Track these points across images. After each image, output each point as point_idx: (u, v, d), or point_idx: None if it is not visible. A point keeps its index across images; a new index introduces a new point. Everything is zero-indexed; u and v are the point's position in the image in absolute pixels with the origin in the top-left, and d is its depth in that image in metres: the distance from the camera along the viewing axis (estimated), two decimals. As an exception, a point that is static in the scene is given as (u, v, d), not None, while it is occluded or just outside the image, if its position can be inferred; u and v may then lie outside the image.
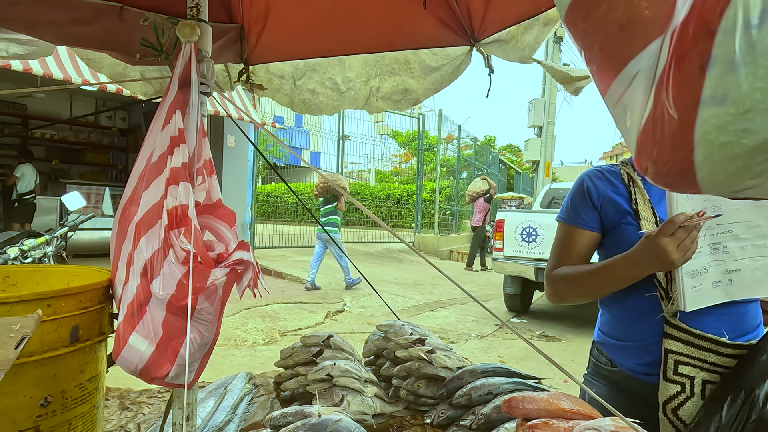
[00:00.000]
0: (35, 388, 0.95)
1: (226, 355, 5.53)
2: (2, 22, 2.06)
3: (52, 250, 4.51)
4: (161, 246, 0.91)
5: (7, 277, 1.25)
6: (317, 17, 2.42)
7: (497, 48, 2.29)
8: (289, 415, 1.21)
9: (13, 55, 2.23)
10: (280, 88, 2.70)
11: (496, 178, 18.01)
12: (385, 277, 9.97)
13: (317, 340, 1.70)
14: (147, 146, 1.07)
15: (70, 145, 11.79)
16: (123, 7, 2.13)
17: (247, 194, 10.34)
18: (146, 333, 0.91)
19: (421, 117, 13.49)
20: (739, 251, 1.14)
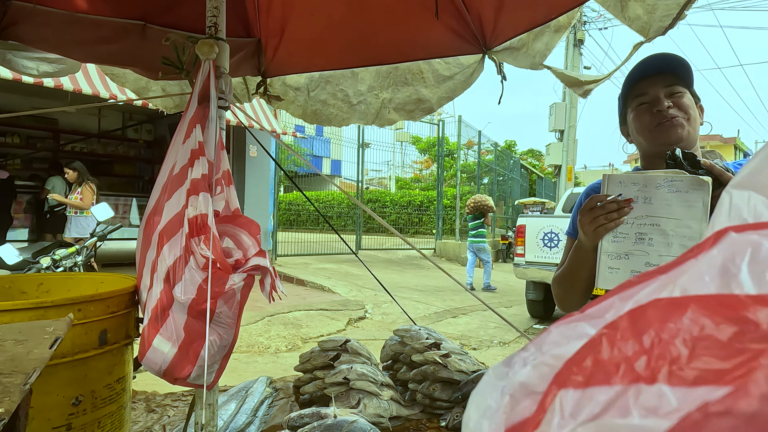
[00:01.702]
0: (67, 388, 1.01)
1: (249, 362, 5.61)
2: (33, 42, 2.18)
3: (82, 259, 4.66)
4: (183, 253, 0.97)
5: (41, 284, 1.32)
6: (332, 30, 2.48)
7: (508, 55, 2.31)
8: (306, 416, 1.25)
9: (44, 73, 2.35)
10: (294, 99, 2.77)
11: (518, 183, 17.86)
12: (406, 283, 9.97)
13: (335, 344, 1.74)
14: (169, 159, 1.12)
15: (98, 158, 12.13)
16: (146, 25, 2.24)
17: (269, 203, 10.48)
18: (169, 335, 0.96)
19: (441, 123, 13.50)
20: (664, 248, 1.13)
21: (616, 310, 0.40)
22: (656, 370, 0.33)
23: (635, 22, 1.82)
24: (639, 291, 0.39)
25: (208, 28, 1.22)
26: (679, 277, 0.38)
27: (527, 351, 0.44)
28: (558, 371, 0.38)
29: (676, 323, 0.34)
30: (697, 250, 0.39)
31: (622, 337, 0.36)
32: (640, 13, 1.77)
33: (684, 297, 0.35)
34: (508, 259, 14.09)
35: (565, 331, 0.42)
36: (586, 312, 0.42)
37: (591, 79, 2.20)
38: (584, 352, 0.37)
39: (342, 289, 8.72)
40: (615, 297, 0.41)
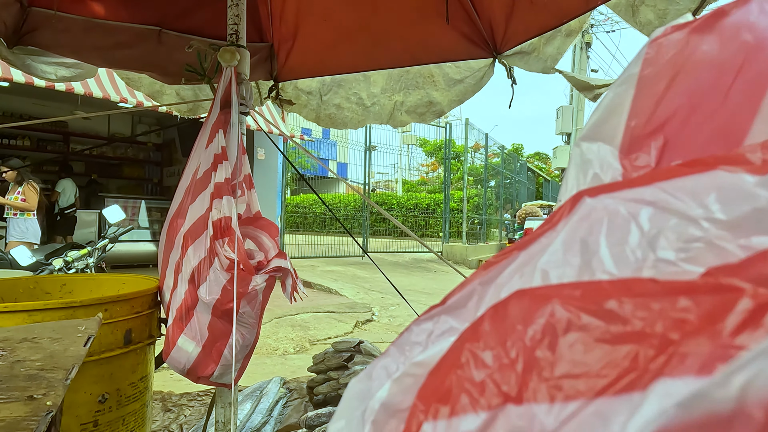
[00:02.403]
0: (94, 386, 1.04)
1: (258, 363, 5.63)
2: (52, 48, 2.23)
3: (93, 261, 4.71)
4: (207, 255, 0.99)
5: (64, 285, 1.36)
6: (343, 35, 2.51)
7: (519, 59, 2.33)
8: (323, 415, 1.27)
9: (62, 77, 2.39)
10: (307, 103, 2.80)
11: (525, 186, 17.83)
12: (413, 286, 9.97)
13: (348, 345, 1.76)
14: (192, 163, 1.15)
15: (108, 160, 12.24)
16: (162, 30, 2.28)
17: (276, 205, 10.53)
18: (193, 335, 0.98)
19: (448, 126, 13.51)
20: None
21: (478, 299, 0.36)
22: (524, 386, 0.28)
23: (646, 27, 1.83)
24: (500, 273, 0.35)
25: (229, 35, 1.25)
26: (538, 254, 0.33)
27: (388, 356, 0.39)
28: (422, 384, 0.33)
29: (540, 324, 0.29)
30: (556, 217, 0.34)
31: (485, 345, 0.31)
32: (651, 18, 1.79)
33: (546, 288, 0.31)
34: (514, 262, 14.05)
35: (427, 326, 0.38)
36: (448, 303, 0.38)
37: (602, 84, 2.22)
38: (447, 365, 0.32)
39: (349, 291, 8.74)
40: (476, 281, 0.37)
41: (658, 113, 0.39)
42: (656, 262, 0.29)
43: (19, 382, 0.62)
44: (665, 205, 0.30)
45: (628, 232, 0.30)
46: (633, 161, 0.38)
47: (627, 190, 0.32)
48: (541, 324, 0.29)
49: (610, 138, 0.40)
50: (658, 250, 0.29)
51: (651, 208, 0.30)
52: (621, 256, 0.30)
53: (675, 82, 0.39)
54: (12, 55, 2.16)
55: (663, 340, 0.25)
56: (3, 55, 2.12)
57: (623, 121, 0.40)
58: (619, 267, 0.30)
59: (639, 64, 0.42)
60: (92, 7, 2.24)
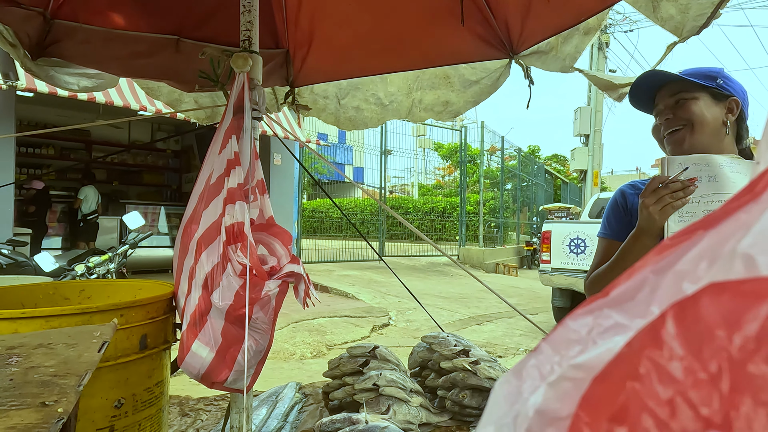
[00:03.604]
0: (110, 391, 1.05)
1: (275, 368, 5.65)
2: (74, 58, 2.27)
3: (114, 266, 4.79)
4: (220, 260, 0.99)
5: (83, 290, 1.37)
6: (358, 39, 2.52)
7: (536, 59, 2.31)
8: (337, 421, 1.26)
9: (84, 88, 2.43)
10: (325, 107, 2.82)
11: (542, 189, 17.65)
12: (429, 291, 9.93)
13: (363, 351, 1.75)
14: (206, 169, 1.16)
15: (128, 168, 12.47)
16: (179, 39, 2.31)
17: (293, 210, 10.60)
18: (207, 341, 0.99)
19: (463, 129, 13.46)
20: None
21: (651, 290, 0.29)
22: (733, 410, 0.22)
23: (668, 23, 1.79)
24: (679, 258, 0.28)
25: (242, 42, 1.26)
26: (736, 234, 0.25)
27: (540, 354, 0.33)
28: (585, 392, 0.28)
29: (754, 330, 0.23)
30: (759, 185, 0.26)
31: (671, 354, 0.25)
32: (672, 12, 1.74)
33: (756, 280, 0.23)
34: (533, 265, 13.93)
35: (587, 321, 0.31)
36: (612, 294, 0.31)
37: (626, 82, 2.17)
38: (619, 373, 0.26)
39: (366, 296, 8.74)
40: (647, 269, 0.30)
41: None
42: None
43: (32, 388, 0.62)
44: None
45: None
46: None
47: None
48: (755, 329, 0.23)
49: None
50: None
51: None
52: None
53: None
54: (36, 67, 2.20)
55: None
56: (27, 67, 2.17)
57: None
58: None
59: None
60: (112, 18, 2.28)
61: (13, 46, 2.05)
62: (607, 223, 1.53)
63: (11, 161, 7.16)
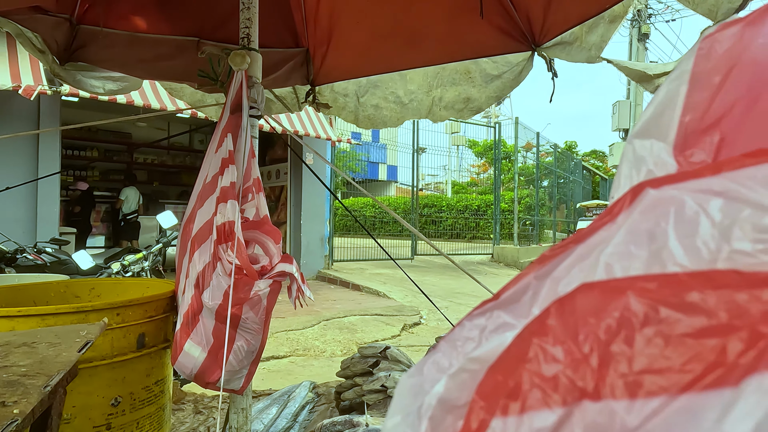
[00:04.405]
0: (107, 389, 1.06)
1: (305, 365, 5.70)
2: (100, 62, 2.33)
3: (149, 264, 4.93)
4: (211, 259, 0.99)
5: (93, 288, 1.40)
6: (377, 36, 2.49)
7: (560, 50, 2.22)
8: (338, 423, 1.24)
9: (109, 91, 2.50)
10: (345, 105, 2.80)
11: (579, 186, 17.18)
12: (462, 289, 9.82)
13: (374, 351, 1.72)
14: (204, 168, 1.16)
15: (168, 168, 12.88)
16: (200, 41, 2.34)
17: (325, 209, 10.67)
18: (199, 340, 0.98)
19: (498, 126, 13.23)
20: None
21: (533, 293, 0.35)
22: (600, 381, 0.27)
23: (700, 6, 1.69)
24: (557, 266, 0.34)
25: (241, 39, 1.26)
26: (599, 247, 0.32)
27: (439, 351, 0.39)
28: (481, 380, 0.33)
29: (615, 318, 0.28)
30: (615, 209, 0.33)
31: (555, 339, 0.30)
32: (712, 0, 1.64)
33: (616, 281, 0.30)
34: (570, 264, 13.58)
35: (480, 322, 0.37)
36: (502, 297, 0.37)
37: (660, 72, 2.04)
38: (511, 360, 0.32)
39: (397, 294, 8.71)
40: (531, 275, 0.36)
41: (713, 108, 0.39)
42: (732, 254, 0.28)
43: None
44: (736, 195, 0.30)
45: (698, 223, 0.30)
46: (688, 158, 0.38)
47: (693, 181, 0.32)
48: (616, 317, 0.29)
49: (664, 134, 0.40)
50: (734, 242, 0.29)
51: (721, 199, 0.30)
52: (692, 247, 0.30)
53: (731, 76, 0.39)
54: (64, 72, 2.27)
55: (753, 333, 0.25)
56: (56, 72, 2.23)
57: (677, 116, 0.40)
58: (691, 259, 0.29)
59: (692, 60, 0.42)
60: (135, 22, 2.33)
61: (42, 52, 2.12)
62: None
63: (57, 163, 7.49)
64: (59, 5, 2.03)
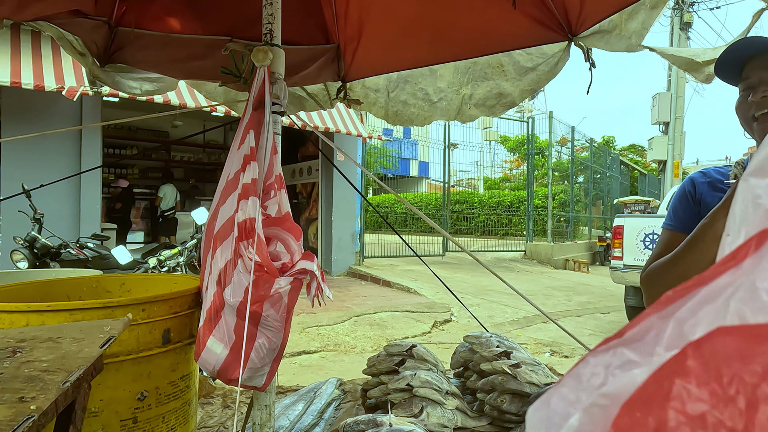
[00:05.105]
0: (133, 384, 1.08)
1: (336, 360, 5.74)
2: (136, 63, 2.38)
3: (184, 259, 5.06)
4: (232, 256, 0.99)
5: (123, 284, 1.44)
6: (408, 30, 2.45)
7: (599, 39, 2.13)
8: (361, 422, 1.23)
9: (146, 91, 2.55)
10: (375, 101, 2.78)
11: (617, 181, 16.68)
12: (494, 287, 9.70)
13: (400, 349, 1.71)
14: (227, 165, 1.16)
15: (203, 166, 13.19)
16: (232, 40, 2.35)
17: (356, 205, 10.71)
18: (221, 337, 0.99)
19: (531, 120, 12.97)
20: None
21: (657, 333, 0.36)
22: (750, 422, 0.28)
23: None
24: (680, 308, 0.35)
25: (264, 35, 1.25)
26: (726, 291, 0.32)
27: (565, 386, 0.40)
28: (616, 416, 0.34)
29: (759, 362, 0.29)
30: (740, 255, 0.33)
31: (698, 380, 0.31)
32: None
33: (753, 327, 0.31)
34: (606, 262, 13.23)
35: (605, 359, 0.39)
36: (625, 336, 0.38)
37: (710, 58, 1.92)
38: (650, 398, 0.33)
39: (428, 291, 8.68)
40: (653, 316, 0.37)
41: None
42: None
43: (18, 383, 0.63)
44: None
45: None
46: None
47: None
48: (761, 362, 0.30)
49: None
50: None
51: None
52: None
53: None
54: (103, 74, 2.32)
55: None
56: (96, 74, 2.29)
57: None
58: None
59: None
60: (169, 23, 2.36)
61: (83, 55, 2.18)
62: (673, 214, 1.38)
63: (98, 161, 7.76)
64: (98, 8, 2.08)
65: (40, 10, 1.63)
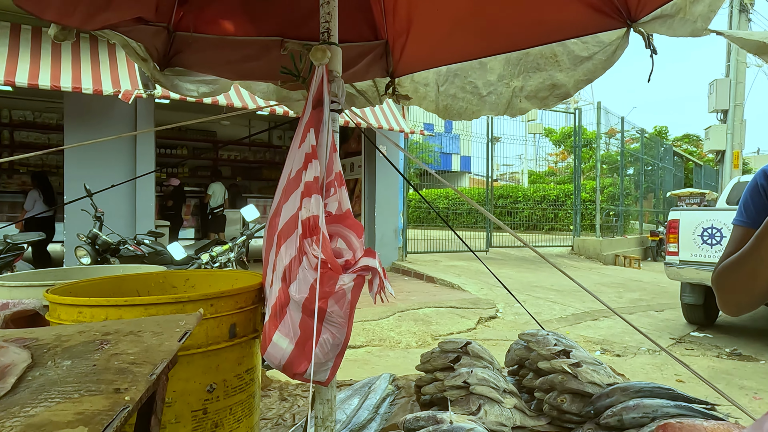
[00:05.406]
0: (203, 376, 1.12)
1: (381, 356, 5.77)
2: (193, 66, 2.45)
3: (234, 255, 5.21)
4: (297, 253, 1.01)
5: (188, 279, 1.50)
6: (458, 23, 2.41)
7: (661, 24, 2.01)
8: (421, 419, 1.23)
9: (203, 93, 2.62)
10: (426, 95, 2.75)
11: (670, 173, 15.98)
12: (541, 283, 9.49)
13: (455, 346, 1.70)
14: (287, 163, 1.18)
15: (250, 164, 13.52)
16: (284, 40, 2.39)
17: (399, 201, 10.71)
18: (287, 332, 1.01)
19: (578, 111, 12.58)
20: None
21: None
22: None
23: None
24: None
25: (321, 34, 1.27)
26: None
27: None
28: None
29: None
30: None
31: None
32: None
33: None
34: (658, 257, 12.72)
35: None
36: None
37: None
38: None
39: (472, 287, 8.59)
40: None
41: None
42: None
43: (110, 375, 0.67)
44: None
45: None
46: None
47: None
48: None
49: None
50: None
51: None
52: None
53: None
54: (163, 77, 2.40)
55: None
56: (156, 78, 2.37)
57: None
58: None
59: None
60: (224, 26, 2.42)
61: (144, 60, 2.26)
62: (744, 209, 1.31)
63: (152, 161, 8.09)
64: (158, 15, 2.15)
65: (107, 19, 1.70)
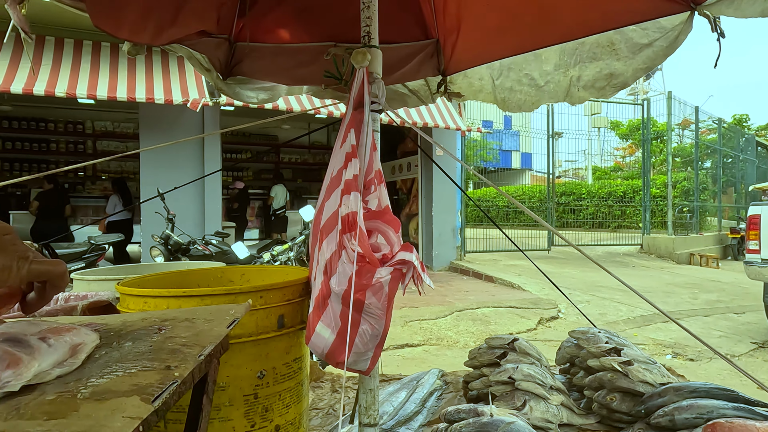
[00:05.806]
0: (254, 363, 1.20)
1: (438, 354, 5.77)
2: (253, 74, 2.58)
3: (294, 254, 5.40)
4: (337, 248, 1.06)
5: (243, 274, 1.60)
6: (509, 16, 2.38)
7: (728, 6, 1.89)
8: (462, 411, 1.25)
9: (261, 100, 2.75)
10: (481, 88, 2.72)
11: (753, 165, 14.81)
12: (606, 283, 9.11)
13: (502, 342, 1.70)
14: (331, 163, 1.25)
15: (309, 166, 13.91)
16: (335, 45, 2.47)
17: (456, 200, 10.63)
18: (329, 323, 1.06)
19: (646, 102, 11.94)
20: None
21: None
22: None
23: None
24: None
25: (362, 37, 1.32)
26: None
27: None
28: None
29: None
30: None
31: None
32: None
33: None
34: (739, 256, 11.82)
35: None
36: None
37: None
38: None
39: (533, 287, 8.39)
40: None
41: None
42: None
43: (164, 354, 0.75)
44: None
45: None
46: None
47: None
48: None
49: None
50: None
51: None
52: None
53: None
54: (225, 86, 2.55)
55: None
56: (219, 87, 2.52)
57: None
58: None
59: None
60: (279, 34, 2.53)
61: (208, 70, 2.41)
62: None
63: (218, 164, 8.53)
64: (219, 28, 2.28)
65: (173, 34, 1.84)
